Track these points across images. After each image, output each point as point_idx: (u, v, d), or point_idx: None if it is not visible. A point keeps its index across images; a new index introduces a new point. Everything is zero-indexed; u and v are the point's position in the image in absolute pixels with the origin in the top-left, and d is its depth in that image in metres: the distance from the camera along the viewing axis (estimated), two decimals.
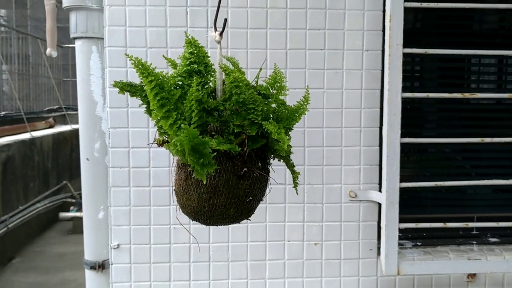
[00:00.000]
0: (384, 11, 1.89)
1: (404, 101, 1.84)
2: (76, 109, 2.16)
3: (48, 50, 2.20)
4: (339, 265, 1.99)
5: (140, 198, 1.90)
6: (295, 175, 1.01)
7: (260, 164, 0.93)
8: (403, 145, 1.84)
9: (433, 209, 2.12)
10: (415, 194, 2.12)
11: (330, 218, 1.97)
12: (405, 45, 1.79)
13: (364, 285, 2.00)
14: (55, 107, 9.33)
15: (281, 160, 1.00)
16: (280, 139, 0.84)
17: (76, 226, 6.06)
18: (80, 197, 6.54)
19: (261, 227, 1.95)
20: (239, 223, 0.98)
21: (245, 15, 1.86)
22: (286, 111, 0.97)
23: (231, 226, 1.93)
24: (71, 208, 6.44)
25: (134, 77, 1.90)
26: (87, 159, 2.13)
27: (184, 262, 1.94)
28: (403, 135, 1.83)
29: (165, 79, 0.88)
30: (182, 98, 0.87)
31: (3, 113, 7.49)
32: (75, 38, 2.10)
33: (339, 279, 1.99)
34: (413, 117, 2.06)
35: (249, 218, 0.98)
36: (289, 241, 1.97)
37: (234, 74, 0.87)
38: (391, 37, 1.78)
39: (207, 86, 0.92)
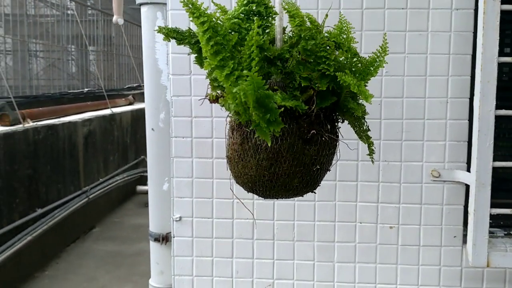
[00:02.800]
0: None
1: (500, 68, 1.58)
2: None
3: (114, 18, 2.17)
4: (417, 252, 1.79)
5: (202, 170, 1.82)
6: (369, 141, 0.84)
7: (329, 127, 0.78)
8: (497, 119, 1.58)
9: None
10: (509, 175, 1.85)
11: (408, 199, 1.77)
12: (503, 1, 1.52)
13: (446, 276, 1.79)
14: (134, 85, 9.66)
15: (354, 124, 0.84)
16: (361, 93, 0.69)
17: None
18: None
19: (329, 206, 1.80)
20: (302, 196, 0.84)
21: None
22: (360, 64, 0.80)
23: (296, 203, 1.79)
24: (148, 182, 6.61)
25: None
26: (152, 129, 2.09)
27: (248, 239, 1.84)
28: (497, 107, 1.57)
29: (219, 21, 0.75)
30: (239, 45, 0.74)
31: (86, 90, 7.86)
32: (141, 5, 2.04)
33: (417, 267, 1.79)
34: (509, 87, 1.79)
35: (315, 190, 0.84)
36: (360, 223, 1.80)
37: (300, 14, 0.71)
38: None
39: (268, 30, 0.78)
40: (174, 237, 1.87)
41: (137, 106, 7.83)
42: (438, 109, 1.72)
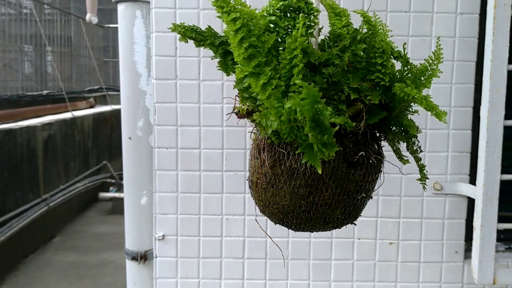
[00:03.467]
0: None
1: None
2: (116, 90, 1.95)
3: (88, 16, 1.99)
4: (417, 268, 1.69)
5: (189, 184, 1.66)
6: (420, 163, 0.72)
7: (376, 147, 0.65)
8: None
9: None
10: (510, 188, 1.78)
11: (409, 213, 1.67)
12: None
13: None
14: (96, 87, 9.35)
15: (400, 143, 0.72)
16: (430, 108, 0.56)
17: (115, 207, 6.03)
18: (120, 178, 6.50)
19: None
20: (340, 228, 0.71)
21: None
22: (410, 74, 0.68)
23: None
24: (111, 188, 6.43)
25: (183, 45, 1.64)
26: (130, 138, 1.91)
27: (238, 258, 1.69)
28: (506, 116, 1.50)
29: (252, 18, 0.60)
30: (274, 48, 0.59)
31: (45, 92, 7.51)
32: (117, 2, 1.86)
33: (417, 284, 1.70)
34: None
35: (355, 222, 0.71)
36: (359, 239, 1.69)
37: (347, 14, 0.58)
38: None
39: (311, 30, 0.64)
40: (156, 257, 1.69)
41: (99, 109, 7.58)
42: None
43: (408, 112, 0.68)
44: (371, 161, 0.64)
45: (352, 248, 1.69)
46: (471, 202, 1.64)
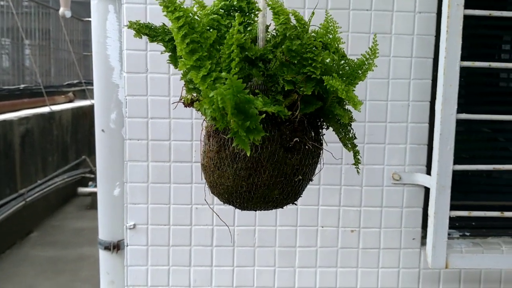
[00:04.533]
0: None
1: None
2: None
3: (61, 10, 2.03)
4: (377, 254, 1.78)
5: (159, 174, 1.72)
6: (355, 150, 0.79)
7: (313, 134, 0.72)
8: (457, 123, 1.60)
9: (487, 195, 1.89)
10: (465, 178, 1.89)
11: (369, 202, 1.76)
12: (466, 6, 1.54)
13: (405, 278, 1.79)
14: (75, 81, 9.28)
15: (338, 131, 0.79)
16: (350, 99, 0.63)
17: (94, 202, 5.98)
18: None
19: (291, 210, 1.75)
20: (282, 208, 0.78)
21: None
22: (347, 67, 0.75)
23: None
24: (90, 183, 6.40)
25: None
26: (102, 130, 1.95)
27: (206, 246, 1.76)
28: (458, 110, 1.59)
29: (196, 17, 0.67)
30: (217, 43, 0.66)
31: (22, 86, 7.43)
32: None
33: (377, 270, 1.79)
34: (470, 92, 1.82)
35: (296, 202, 0.78)
36: (322, 227, 1.77)
37: (285, 12, 0.65)
38: None
39: (250, 28, 0.71)
40: (127, 246, 1.75)
41: (78, 103, 7.53)
42: (400, 112, 1.71)
43: (344, 102, 0.75)
44: (307, 147, 0.71)
45: (316, 236, 1.77)
46: (428, 191, 1.73)
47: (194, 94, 0.72)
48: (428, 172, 1.72)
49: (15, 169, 5.02)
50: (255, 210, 0.75)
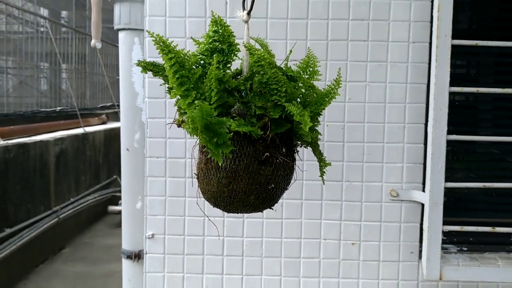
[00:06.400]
0: (432, 1, 1.79)
1: (452, 97, 1.73)
2: None
3: (92, 42, 2.26)
4: (377, 267, 1.90)
5: (175, 189, 1.90)
6: (322, 163, 0.95)
7: (284, 150, 0.88)
8: (449, 144, 1.72)
9: (481, 212, 1.99)
10: (462, 196, 1.99)
11: (369, 217, 1.88)
12: (454, 37, 1.68)
13: None
14: (108, 104, 9.62)
15: (308, 147, 0.95)
16: (302, 121, 0.79)
17: None
18: None
19: (296, 223, 1.90)
20: (262, 211, 0.94)
21: (285, 4, 1.82)
22: (315, 95, 0.91)
23: (265, 220, 1.89)
24: (120, 202, 6.57)
25: None
26: (127, 149, 2.16)
27: (217, 255, 1.92)
28: (449, 132, 1.72)
29: (186, 57, 0.85)
30: (203, 77, 0.84)
31: (58, 108, 7.81)
32: (118, 30, 2.13)
33: (377, 281, 1.90)
34: (461, 115, 1.94)
35: (272, 207, 0.94)
36: (325, 240, 1.90)
37: (258, 52, 0.82)
38: (439, 28, 1.68)
39: (229, 65, 0.89)
40: (146, 253, 1.92)
41: (110, 125, 7.81)
42: (396, 133, 1.85)
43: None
44: (278, 161, 0.87)
45: (319, 248, 1.90)
46: (424, 207, 1.84)
47: (184, 117, 0.90)
48: (424, 190, 1.83)
49: (50, 188, 5.27)
50: (237, 213, 0.91)
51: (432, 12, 1.79)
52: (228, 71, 0.87)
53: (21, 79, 8.08)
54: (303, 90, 0.93)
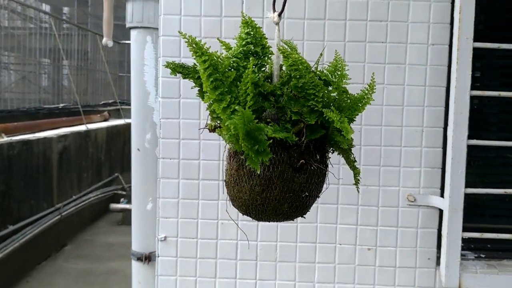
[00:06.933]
0: (453, 2, 1.75)
1: (472, 101, 1.70)
2: (130, 104, 2.17)
3: (104, 40, 2.23)
4: (393, 273, 1.86)
5: (189, 191, 1.86)
6: (356, 171, 0.92)
7: (318, 157, 0.85)
8: (469, 148, 1.69)
9: (501, 219, 1.95)
10: (480, 202, 1.96)
11: (385, 222, 1.85)
12: (475, 39, 1.65)
13: None
14: (110, 101, 9.59)
15: (341, 154, 0.92)
16: (343, 128, 0.76)
17: (125, 218, 6.18)
18: (131, 190, 6.63)
19: (311, 227, 1.86)
20: (293, 220, 0.91)
21: (302, 4, 1.78)
22: (349, 100, 0.88)
23: (279, 224, 1.85)
24: (122, 200, 6.58)
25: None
26: (138, 149, 2.13)
27: (231, 259, 1.88)
28: (469, 137, 1.68)
29: (219, 60, 0.82)
30: (237, 81, 0.81)
31: (61, 105, 7.77)
32: (130, 28, 2.10)
33: None
34: (481, 119, 1.91)
35: (304, 215, 0.90)
36: (340, 244, 1.87)
37: (293, 56, 0.79)
38: (460, 30, 1.64)
39: (264, 68, 0.86)
40: (158, 256, 1.89)
41: (112, 122, 7.79)
42: (414, 137, 1.82)
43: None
44: (312, 168, 0.84)
45: (334, 253, 1.87)
46: (442, 213, 1.81)
47: (217, 122, 0.87)
48: (442, 195, 1.80)
49: (52, 185, 5.25)
50: (269, 221, 0.88)
51: (452, 13, 1.75)
52: (261, 74, 0.84)
53: (24, 75, 8.04)
54: (334, 95, 0.89)
